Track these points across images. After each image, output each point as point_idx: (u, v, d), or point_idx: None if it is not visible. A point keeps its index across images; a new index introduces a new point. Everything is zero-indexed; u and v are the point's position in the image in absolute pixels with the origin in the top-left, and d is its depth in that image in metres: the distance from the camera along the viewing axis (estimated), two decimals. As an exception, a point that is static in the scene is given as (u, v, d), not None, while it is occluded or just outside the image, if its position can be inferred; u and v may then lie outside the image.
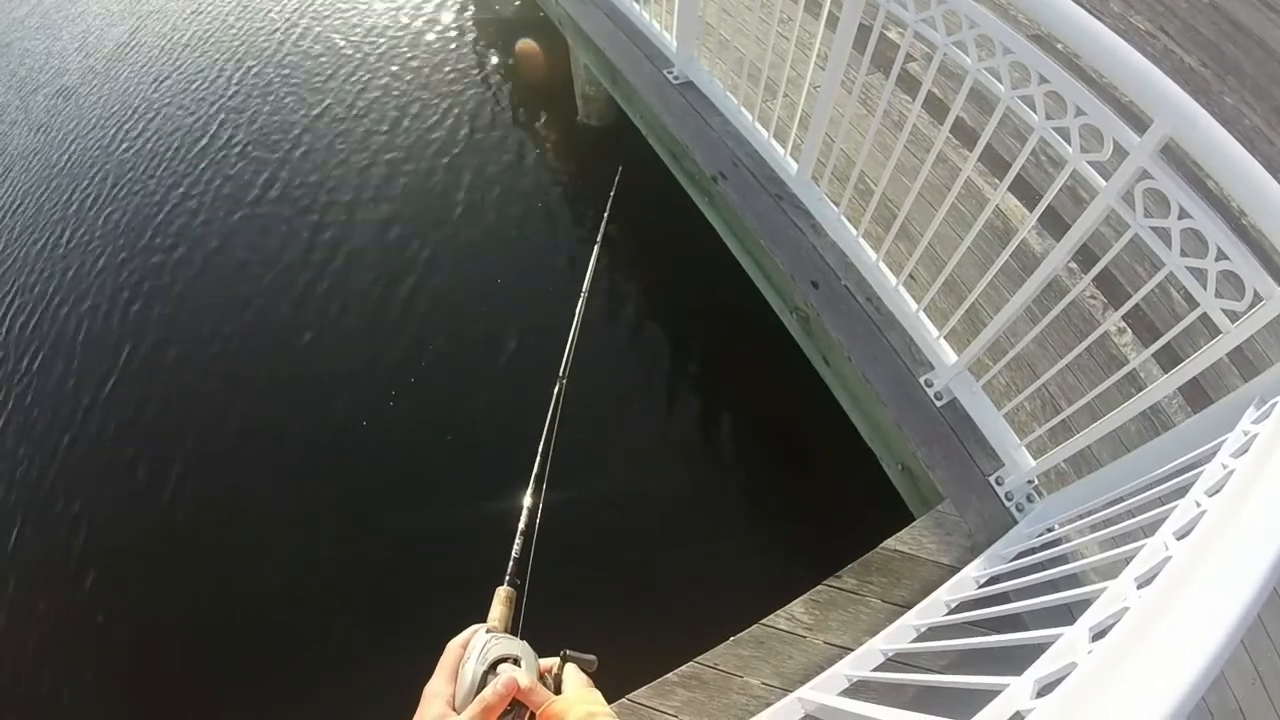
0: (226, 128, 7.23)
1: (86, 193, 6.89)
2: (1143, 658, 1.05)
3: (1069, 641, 1.35)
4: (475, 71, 7.59)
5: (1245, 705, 2.72)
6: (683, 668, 2.58)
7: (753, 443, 4.67)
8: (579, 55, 5.75)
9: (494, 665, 1.00)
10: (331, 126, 7.11)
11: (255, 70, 7.89)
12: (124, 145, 7.31)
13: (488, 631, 1.08)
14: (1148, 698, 0.97)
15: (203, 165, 6.88)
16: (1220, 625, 1.04)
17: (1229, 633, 1.02)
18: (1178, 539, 1.43)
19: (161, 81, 8.00)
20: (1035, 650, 1.40)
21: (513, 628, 1.19)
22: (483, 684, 0.97)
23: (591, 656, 1.12)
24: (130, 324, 5.68)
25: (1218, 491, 1.46)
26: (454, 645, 1.04)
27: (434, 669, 1.02)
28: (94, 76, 8.34)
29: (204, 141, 7.12)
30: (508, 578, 1.30)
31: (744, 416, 4.75)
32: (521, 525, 1.42)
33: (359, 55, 7.94)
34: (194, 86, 7.82)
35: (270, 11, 8.84)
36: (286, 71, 7.84)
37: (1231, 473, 1.49)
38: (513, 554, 1.35)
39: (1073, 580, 1.94)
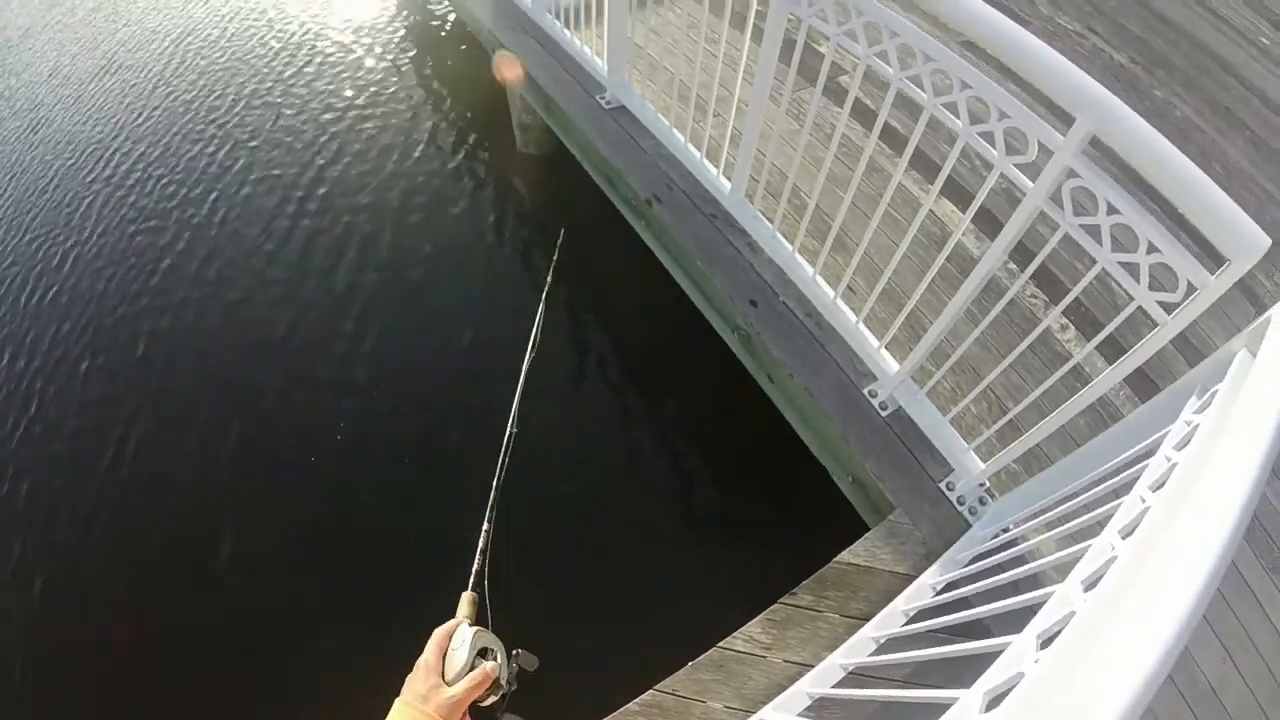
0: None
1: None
2: (1088, 665, 1.04)
3: (1017, 650, 1.34)
4: (411, 105, 7.53)
5: (1217, 684, 2.76)
6: (643, 696, 2.54)
7: (702, 465, 4.64)
8: (514, 85, 5.74)
9: (481, 652, 1.30)
10: (262, 155, 7.02)
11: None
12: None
13: (470, 625, 1.35)
14: (1094, 706, 0.95)
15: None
16: (1165, 628, 1.01)
17: (1175, 635, 1.00)
18: (1123, 537, 1.42)
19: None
20: (996, 655, 1.39)
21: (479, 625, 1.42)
22: (471, 667, 1.27)
23: (534, 657, 1.40)
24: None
25: (1161, 486, 1.46)
26: (441, 632, 1.31)
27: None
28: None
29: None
30: (471, 584, 1.52)
31: (692, 439, 4.72)
32: (481, 544, 1.64)
33: (288, 83, 7.84)
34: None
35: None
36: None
37: (1175, 466, 1.49)
38: (474, 567, 1.57)
39: (1033, 580, 1.93)
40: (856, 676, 2.46)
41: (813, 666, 2.52)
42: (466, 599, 1.47)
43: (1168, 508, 1.33)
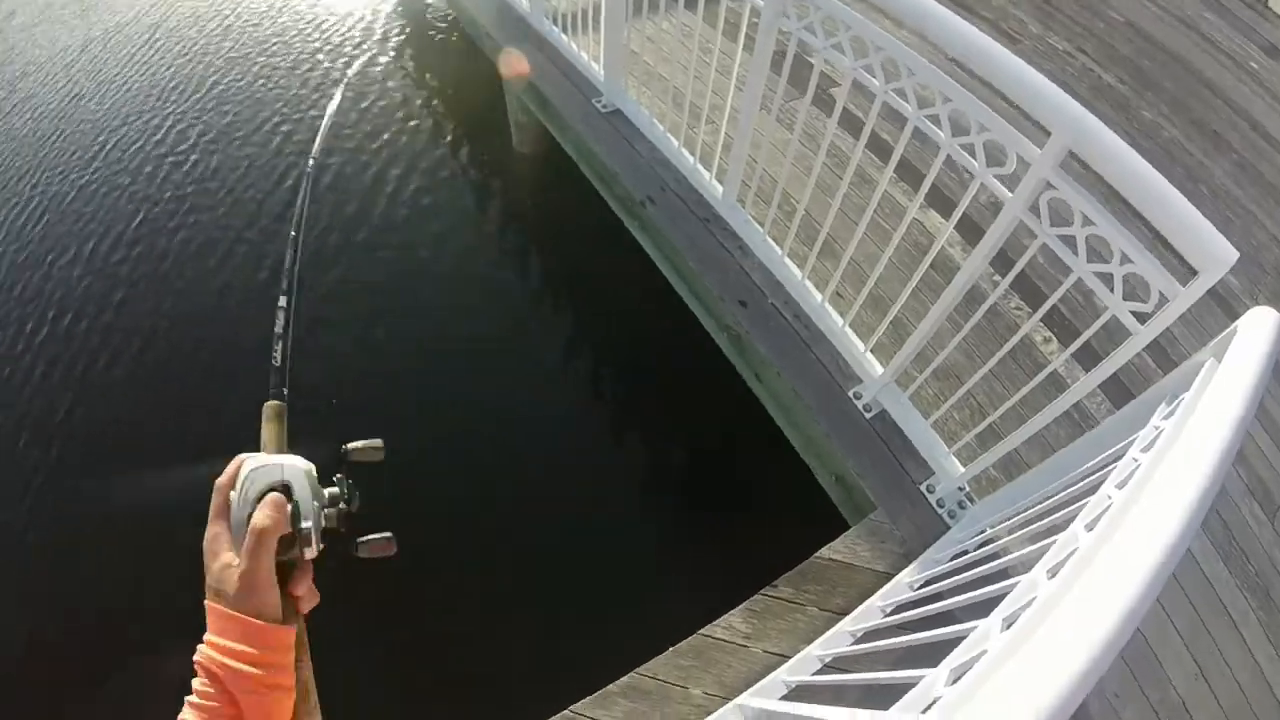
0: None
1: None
2: (1038, 640, 1.11)
3: (983, 630, 1.41)
4: (406, 99, 7.58)
5: (1188, 700, 2.82)
6: (623, 679, 2.61)
7: (688, 457, 4.74)
8: (511, 86, 5.79)
9: (261, 498, 0.92)
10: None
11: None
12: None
13: (256, 459, 0.98)
14: (1041, 674, 1.02)
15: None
16: (1116, 603, 1.08)
17: (1126, 611, 1.07)
18: (1088, 530, 1.49)
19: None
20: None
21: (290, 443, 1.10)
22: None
23: (378, 442, 1.09)
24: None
25: (1125, 484, 1.53)
26: (221, 485, 0.95)
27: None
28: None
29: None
30: (271, 390, 1.15)
31: (679, 432, 4.80)
32: (278, 328, 1.22)
33: (290, 80, 7.89)
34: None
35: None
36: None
37: (1139, 466, 1.56)
38: (274, 361, 1.19)
39: (1003, 575, 1.99)
40: (833, 668, 2.53)
41: (790, 658, 2.59)
42: (267, 414, 1.11)
43: (1125, 502, 1.41)
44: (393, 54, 8.24)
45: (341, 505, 0.99)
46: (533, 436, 4.78)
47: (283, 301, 1.25)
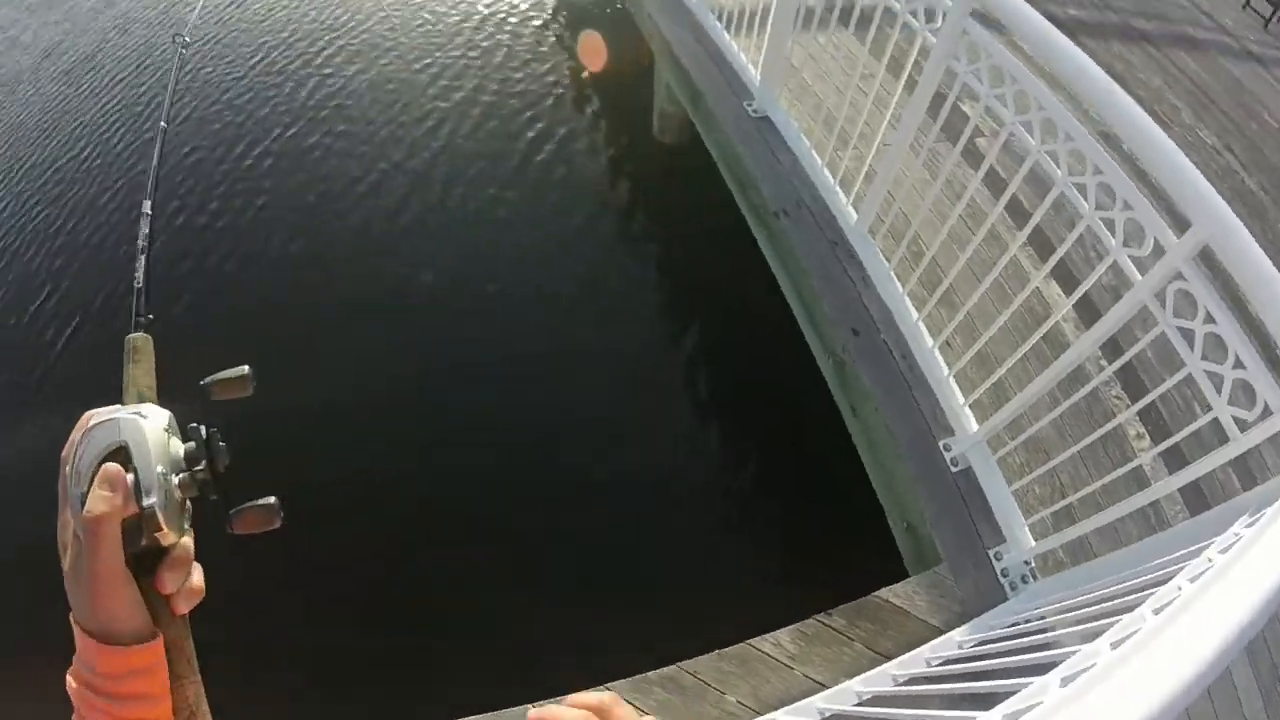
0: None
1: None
2: (1095, 698, 1.13)
3: (1040, 685, 1.43)
4: (558, 70, 7.79)
5: None
6: (664, 669, 2.67)
7: (768, 469, 4.78)
8: (662, 72, 5.86)
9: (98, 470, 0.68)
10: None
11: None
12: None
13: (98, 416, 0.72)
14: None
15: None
16: (1171, 680, 1.11)
17: (1180, 689, 1.10)
18: (1155, 614, 1.50)
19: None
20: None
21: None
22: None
23: (243, 369, 0.82)
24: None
25: (1197, 580, 1.54)
26: (64, 458, 0.71)
27: None
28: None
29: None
30: (135, 318, 0.91)
31: (762, 443, 4.86)
32: (141, 240, 1.02)
33: (438, 41, 8.16)
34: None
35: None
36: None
37: (1212, 566, 1.56)
38: (135, 282, 0.97)
39: (1053, 648, 2.00)
40: (870, 705, 2.55)
41: (829, 688, 2.62)
42: (130, 350, 0.86)
43: (1195, 593, 1.42)
44: (553, 18, 8.45)
45: (200, 466, 0.74)
46: (614, 424, 4.90)
47: (146, 206, 1.08)
